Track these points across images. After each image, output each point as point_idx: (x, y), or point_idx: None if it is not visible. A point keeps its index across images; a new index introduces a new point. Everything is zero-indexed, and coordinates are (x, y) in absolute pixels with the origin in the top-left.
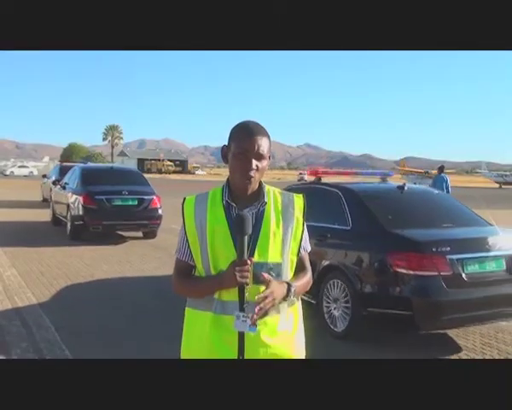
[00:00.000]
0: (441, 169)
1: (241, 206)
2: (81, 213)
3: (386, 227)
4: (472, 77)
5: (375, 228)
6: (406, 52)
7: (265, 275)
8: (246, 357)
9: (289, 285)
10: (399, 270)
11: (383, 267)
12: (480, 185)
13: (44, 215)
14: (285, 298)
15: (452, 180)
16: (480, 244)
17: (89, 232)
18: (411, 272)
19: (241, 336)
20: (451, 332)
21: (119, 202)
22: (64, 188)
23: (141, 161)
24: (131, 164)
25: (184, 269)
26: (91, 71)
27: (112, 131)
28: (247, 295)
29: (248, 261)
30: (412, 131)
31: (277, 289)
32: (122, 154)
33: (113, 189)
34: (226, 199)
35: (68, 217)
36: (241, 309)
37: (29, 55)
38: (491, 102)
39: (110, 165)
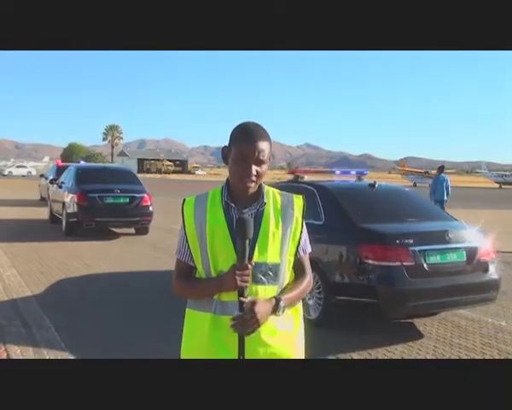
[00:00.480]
0: (441, 169)
1: (241, 206)
2: (75, 210)
3: (355, 222)
4: (472, 77)
5: (345, 223)
6: (406, 52)
7: (247, 300)
8: (246, 357)
9: (277, 301)
10: (367, 261)
11: (352, 259)
12: (480, 185)
13: (42, 213)
14: (274, 313)
15: (452, 180)
16: (441, 237)
17: (88, 230)
18: (377, 263)
19: (241, 336)
20: (451, 332)
21: (111, 200)
22: (60, 187)
23: (141, 161)
24: (131, 164)
25: (184, 270)
26: (91, 71)
27: (112, 131)
28: (246, 295)
29: (249, 265)
30: (412, 131)
31: (261, 309)
32: (122, 154)
33: (105, 187)
34: (226, 200)
35: (63, 214)
36: (241, 309)
37: (29, 55)
38: (491, 102)
39: (103, 165)
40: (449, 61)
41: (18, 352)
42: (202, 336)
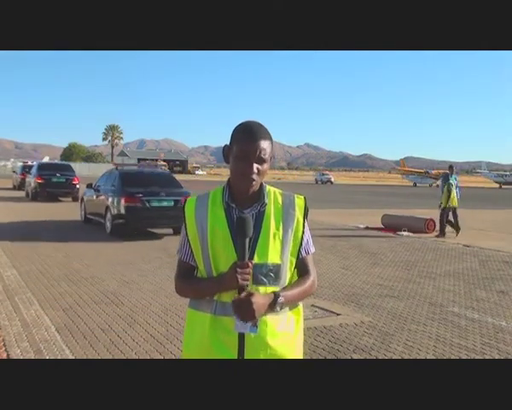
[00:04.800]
0: (451, 169)
1: (242, 207)
2: (36, 185)
3: (125, 187)
4: (472, 76)
5: (121, 187)
6: (406, 52)
7: (245, 293)
8: (246, 358)
9: (276, 296)
10: (126, 204)
11: (121, 202)
12: (480, 185)
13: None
14: (272, 308)
15: None
16: (157, 194)
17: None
18: (127, 204)
19: (242, 337)
20: (451, 332)
21: (55, 179)
22: (30, 174)
23: (141, 162)
24: (132, 164)
25: (186, 270)
26: (91, 71)
27: (112, 131)
28: None
29: (249, 264)
30: (412, 131)
31: (259, 301)
32: (122, 154)
33: (52, 173)
34: (226, 200)
35: (30, 189)
36: None
37: (28, 55)
38: (491, 101)
39: (56, 161)
40: (449, 60)
41: (18, 352)
42: (203, 336)
